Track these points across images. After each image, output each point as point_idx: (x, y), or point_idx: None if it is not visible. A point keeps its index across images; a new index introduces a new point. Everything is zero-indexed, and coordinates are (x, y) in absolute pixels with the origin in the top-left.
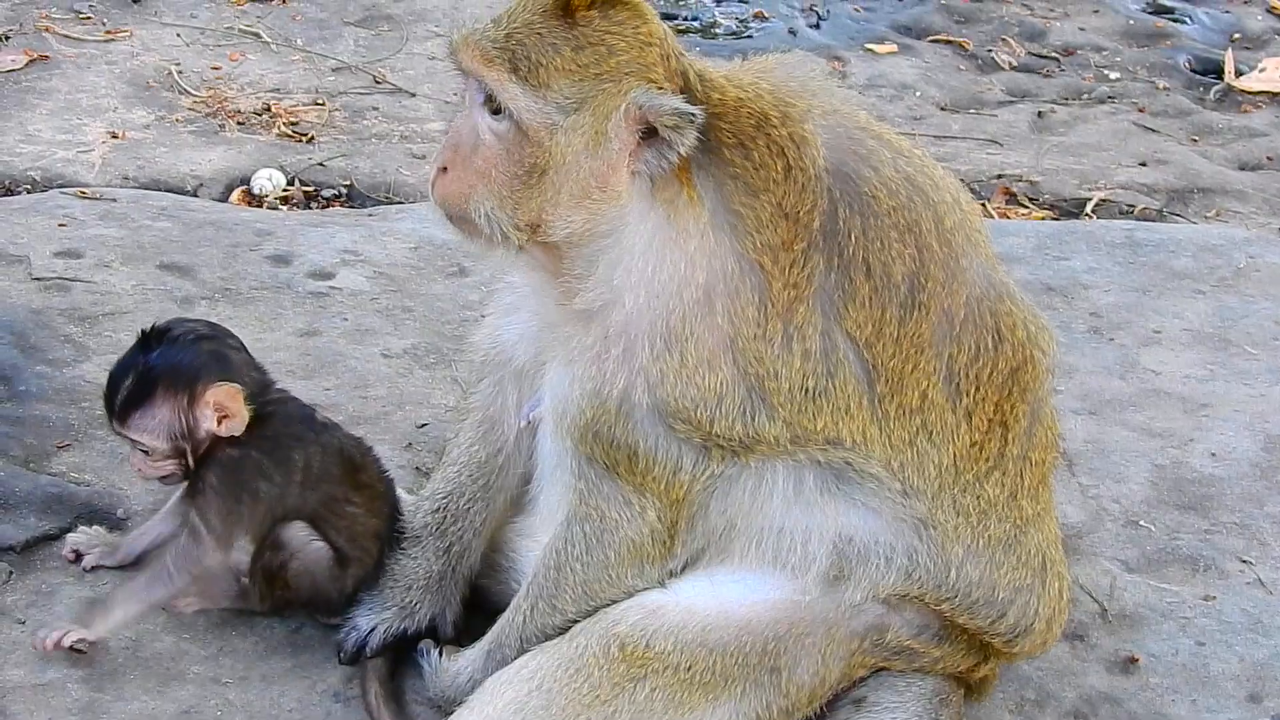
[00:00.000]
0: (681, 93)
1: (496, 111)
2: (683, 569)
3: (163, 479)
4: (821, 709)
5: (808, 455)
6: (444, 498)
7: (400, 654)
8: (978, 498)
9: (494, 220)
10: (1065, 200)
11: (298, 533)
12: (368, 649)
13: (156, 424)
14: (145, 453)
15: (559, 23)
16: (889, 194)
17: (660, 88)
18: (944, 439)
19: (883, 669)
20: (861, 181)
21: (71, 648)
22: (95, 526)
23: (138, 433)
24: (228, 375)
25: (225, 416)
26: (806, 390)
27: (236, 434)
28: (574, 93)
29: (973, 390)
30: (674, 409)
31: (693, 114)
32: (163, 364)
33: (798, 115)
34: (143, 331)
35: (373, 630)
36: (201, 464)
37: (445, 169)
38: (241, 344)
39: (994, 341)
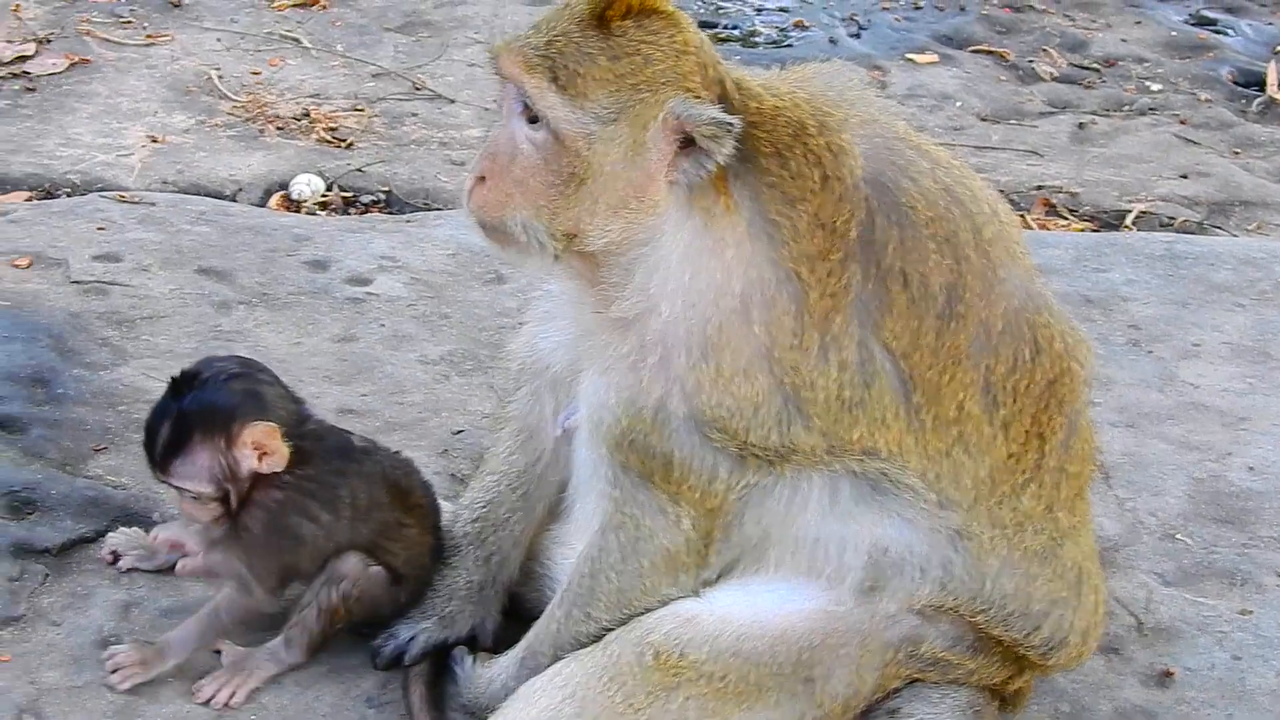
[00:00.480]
0: (719, 101)
1: (534, 120)
2: (717, 578)
3: (213, 521)
4: None
5: (844, 465)
6: (483, 507)
7: (441, 659)
8: (1014, 510)
9: (531, 229)
10: (1105, 212)
11: (353, 562)
12: (406, 658)
13: (198, 469)
14: (194, 498)
15: (595, 32)
16: (927, 204)
17: (698, 97)
18: (980, 451)
19: (916, 680)
20: (899, 192)
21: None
22: (133, 528)
23: (181, 480)
24: (263, 413)
25: (265, 454)
26: (843, 401)
27: (278, 470)
28: (611, 102)
29: (1009, 402)
30: (710, 418)
31: (730, 123)
32: (197, 408)
33: (835, 125)
34: (173, 378)
35: (412, 639)
36: (244, 505)
37: (483, 178)
38: (275, 377)
39: (1031, 353)
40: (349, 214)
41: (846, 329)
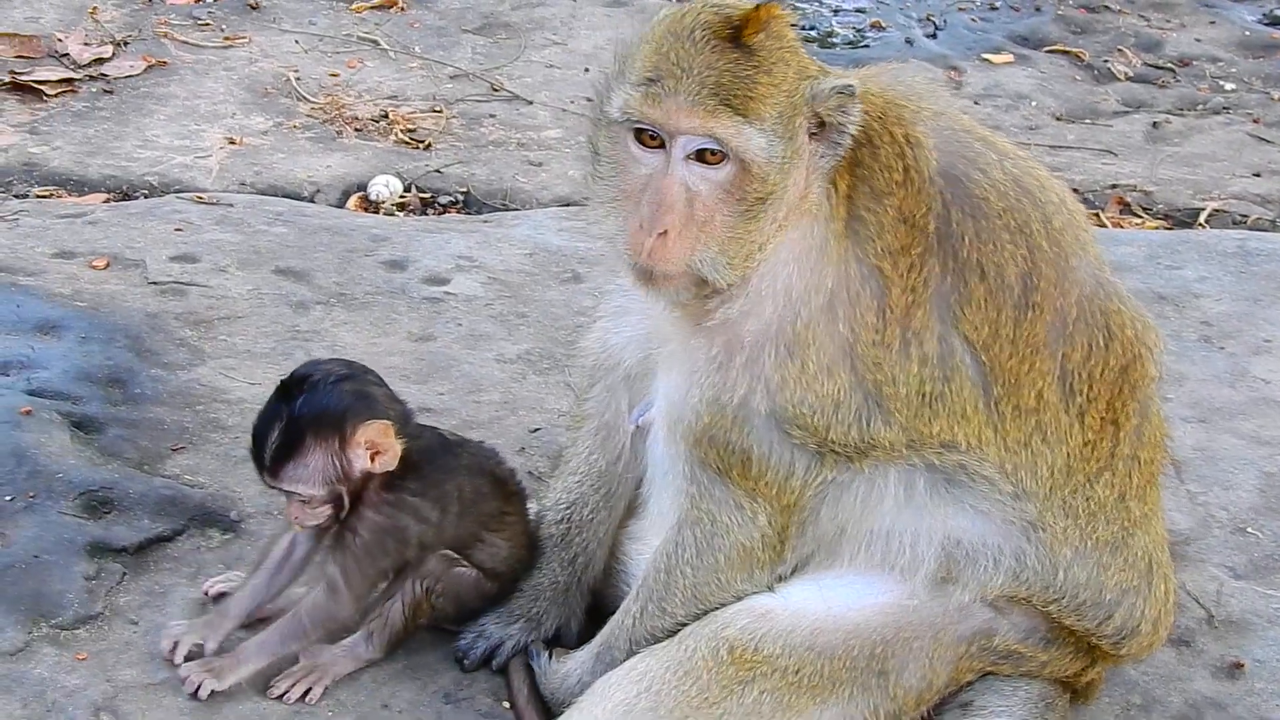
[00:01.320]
0: None
1: (713, 160)
2: (791, 573)
3: (321, 526)
4: (928, 713)
5: (921, 459)
6: (567, 508)
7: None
8: (1087, 499)
9: (717, 265)
10: (1179, 210)
11: (439, 558)
12: (494, 662)
13: (310, 472)
14: (303, 502)
15: (737, 53)
16: (998, 196)
17: (818, 80)
18: (1058, 439)
19: (989, 674)
20: (972, 184)
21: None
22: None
23: (292, 484)
24: (375, 412)
25: (378, 453)
26: (923, 395)
27: (390, 469)
28: (776, 115)
29: (1085, 389)
30: (791, 415)
31: (849, 85)
32: (309, 411)
33: (910, 118)
34: (282, 381)
35: (501, 643)
36: (352, 508)
37: (665, 233)
38: (380, 379)
39: (1105, 340)
40: (426, 215)
41: (927, 324)
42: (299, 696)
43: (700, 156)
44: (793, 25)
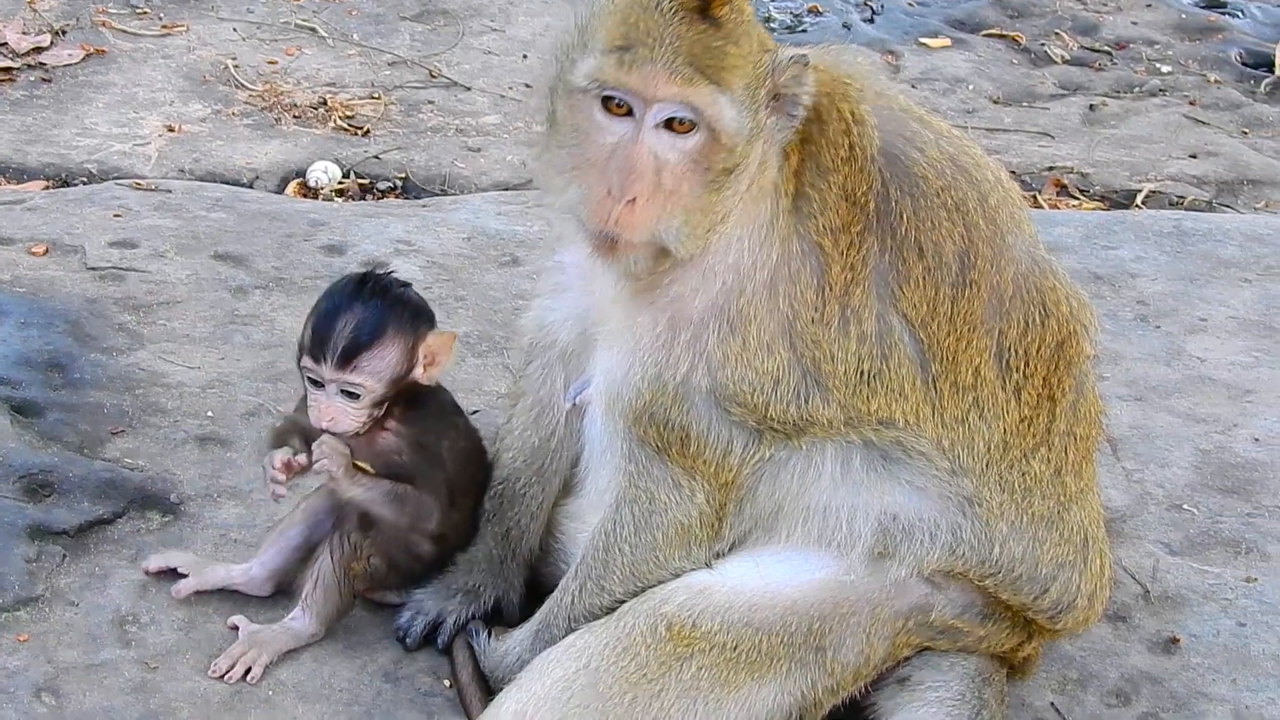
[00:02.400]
0: None
1: (681, 129)
2: (729, 549)
3: (344, 435)
4: (866, 688)
5: (859, 435)
6: (500, 483)
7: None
8: (1023, 474)
9: (680, 235)
10: (1116, 192)
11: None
12: (439, 640)
13: (386, 365)
14: (354, 397)
15: (705, 25)
16: (936, 174)
17: (775, 52)
18: (995, 415)
19: (927, 649)
20: (910, 163)
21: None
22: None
23: (363, 374)
24: (435, 324)
25: (432, 364)
26: (862, 373)
27: (434, 382)
28: (744, 86)
29: (1022, 365)
30: (732, 392)
31: (802, 55)
32: (393, 304)
33: (855, 95)
34: (356, 275)
35: (441, 619)
36: (383, 420)
37: (633, 200)
38: None
39: (1040, 316)
40: (365, 200)
41: (866, 301)
42: (240, 676)
43: (669, 125)
44: (748, 4)
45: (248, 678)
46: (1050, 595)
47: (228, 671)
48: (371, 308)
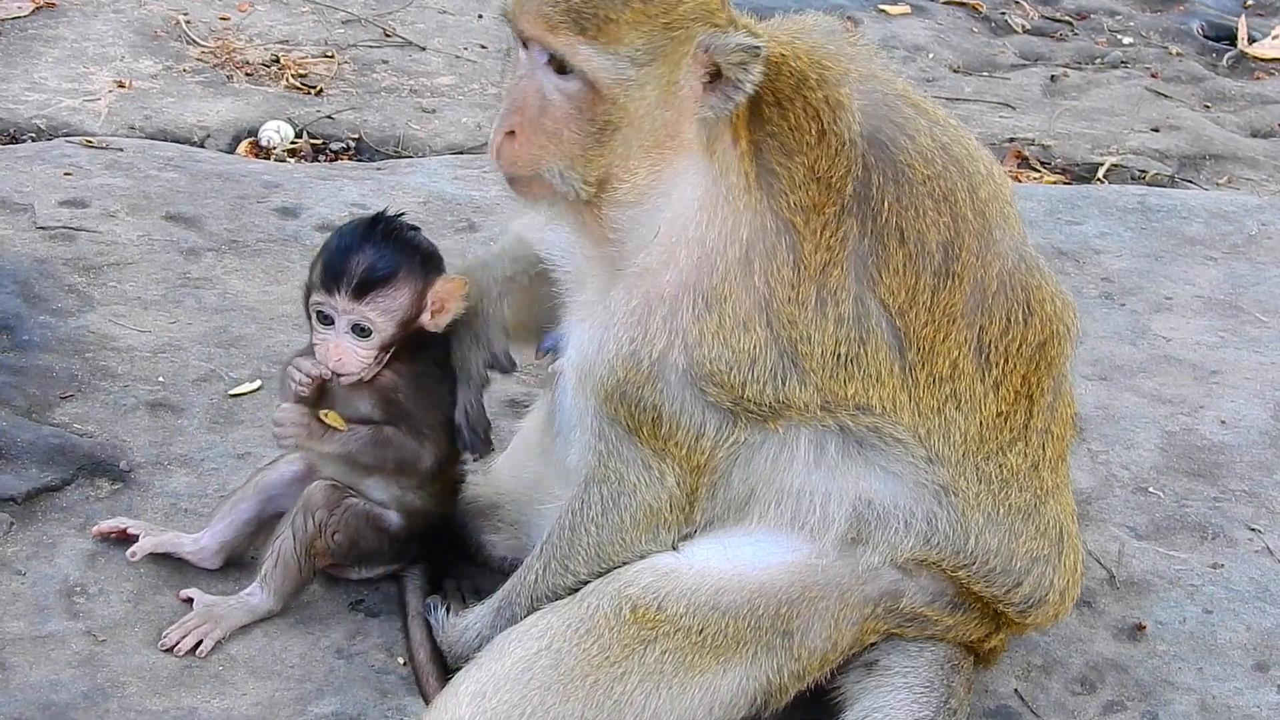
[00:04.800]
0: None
1: (563, 71)
2: (698, 532)
3: (350, 376)
4: (832, 673)
5: (835, 420)
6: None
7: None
8: (1000, 466)
9: (567, 179)
10: (1077, 165)
11: (327, 488)
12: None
13: (398, 304)
14: (362, 334)
15: None
16: (925, 162)
17: (724, 30)
18: (971, 408)
19: (894, 635)
20: (897, 149)
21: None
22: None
23: (377, 310)
24: (444, 270)
25: (439, 311)
26: (838, 356)
27: (438, 329)
28: (645, 44)
29: (1001, 361)
30: (708, 371)
31: (756, 47)
32: (404, 246)
33: (834, 79)
34: (369, 216)
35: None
36: (389, 365)
37: (511, 133)
38: None
39: (1024, 315)
40: (318, 161)
41: (844, 284)
42: (189, 649)
43: (556, 66)
44: None
45: (197, 651)
46: (1023, 589)
47: (177, 643)
48: (386, 246)
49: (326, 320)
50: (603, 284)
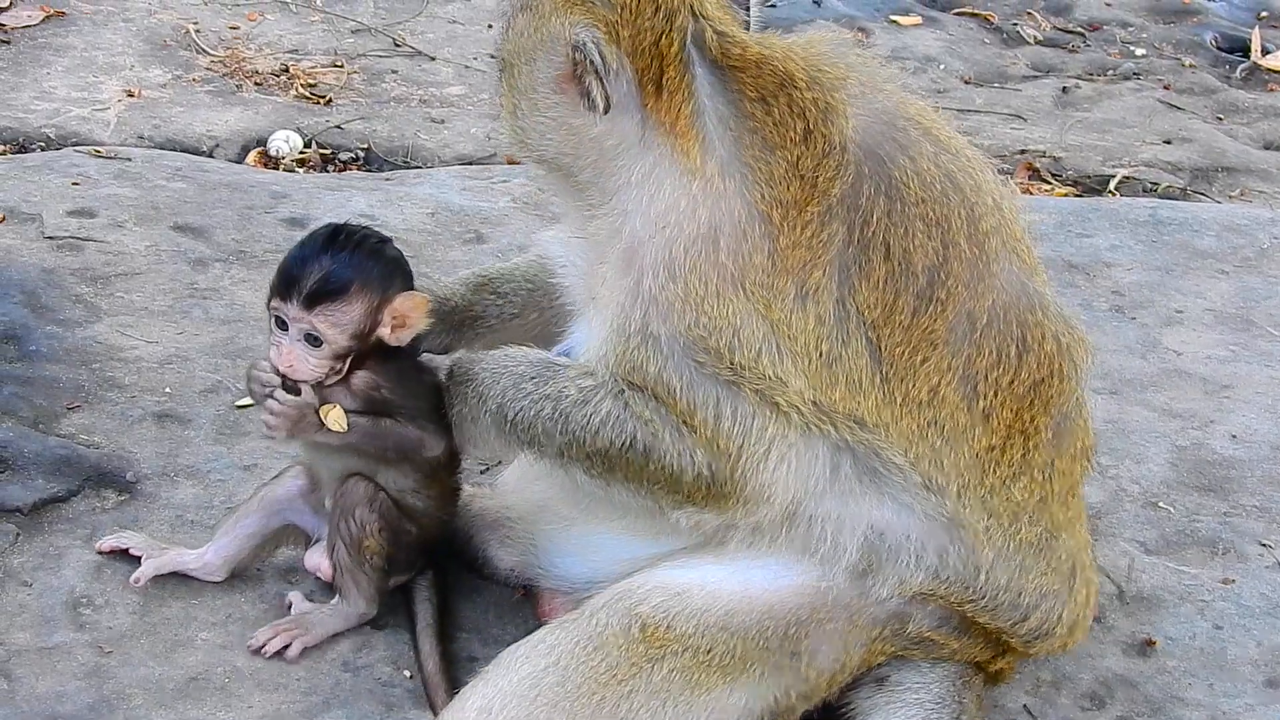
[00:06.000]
0: (696, 47)
1: None
2: (708, 545)
3: (302, 382)
4: (842, 689)
5: (836, 432)
6: None
7: (446, 621)
8: (1007, 500)
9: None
10: (1089, 177)
11: (360, 485)
12: None
13: (348, 318)
14: (314, 344)
15: None
16: (922, 185)
17: (603, 30)
18: (956, 438)
19: (901, 656)
20: (894, 166)
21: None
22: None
23: (325, 322)
24: (412, 285)
25: (400, 326)
26: (822, 354)
27: (402, 344)
28: (513, 81)
29: (990, 395)
30: (693, 337)
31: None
32: (365, 258)
33: (828, 83)
34: (332, 226)
35: None
36: (349, 374)
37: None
38: None
39: (1018, 351)
40: (327, 171)
41: (825, 285)
42: (276, 650)
43: None
44: None
45: (286, 654)
46: (1029, 622)
47: (265, 644)
48: (342, 258)
49: (283, 325)
50: (592, 264)
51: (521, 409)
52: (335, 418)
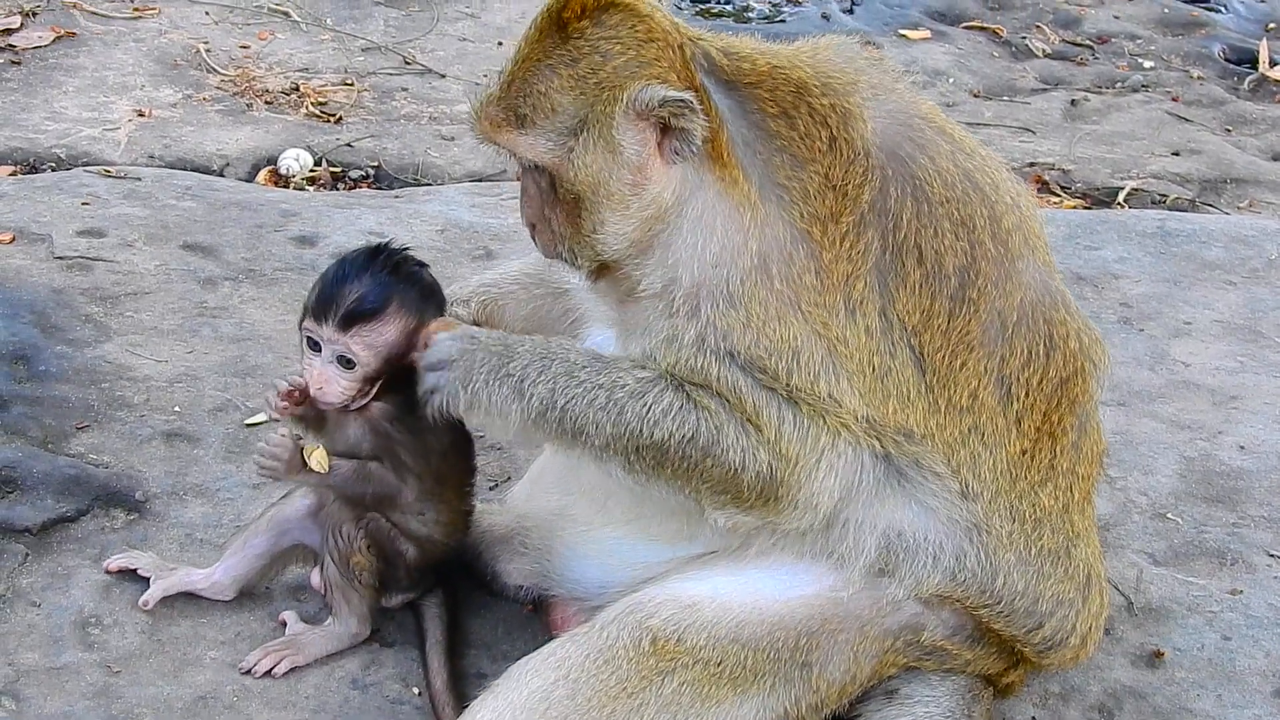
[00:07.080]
0: (708, 74)
1: (532, 167)
2: (724, 553)
3: (330, 405)
4: (852, 702)
5: (882, 447)
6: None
7: (456, 640)
8: (1034, 506)
9: (576, 253)
10: (1097, 189)
11: (347, 505)
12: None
13: (383, 340)
14: (348, 366)
15: (555, 41)
16: (944, 185)
17: (663, 81)
18: (996, 443)
19: (913, 668)
20: (916, 166)
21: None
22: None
23: (361, 344)
24: (444, 312)
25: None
26: (873, 368)
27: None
28: (576, 109)
29: (1023, 395)
30: (752, 357)
31: (682, 99)
32: (400, 282)
33: (840, 88)
34: (369, 246)
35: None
36: (375, 401)
37: (534, 225)
38: None
39: (1046, 349)
40: (337, 189)
41: (868, 296)
42: (266, 670)
43: (522, 161)
44: (653, 28)
45: (273, 673)
46: (1044, 631)
47: (255, 664)
48: (381, 280)
49: (315, 346)
50: (629, 314)
51: (574, 396)
52: (318, 458)
